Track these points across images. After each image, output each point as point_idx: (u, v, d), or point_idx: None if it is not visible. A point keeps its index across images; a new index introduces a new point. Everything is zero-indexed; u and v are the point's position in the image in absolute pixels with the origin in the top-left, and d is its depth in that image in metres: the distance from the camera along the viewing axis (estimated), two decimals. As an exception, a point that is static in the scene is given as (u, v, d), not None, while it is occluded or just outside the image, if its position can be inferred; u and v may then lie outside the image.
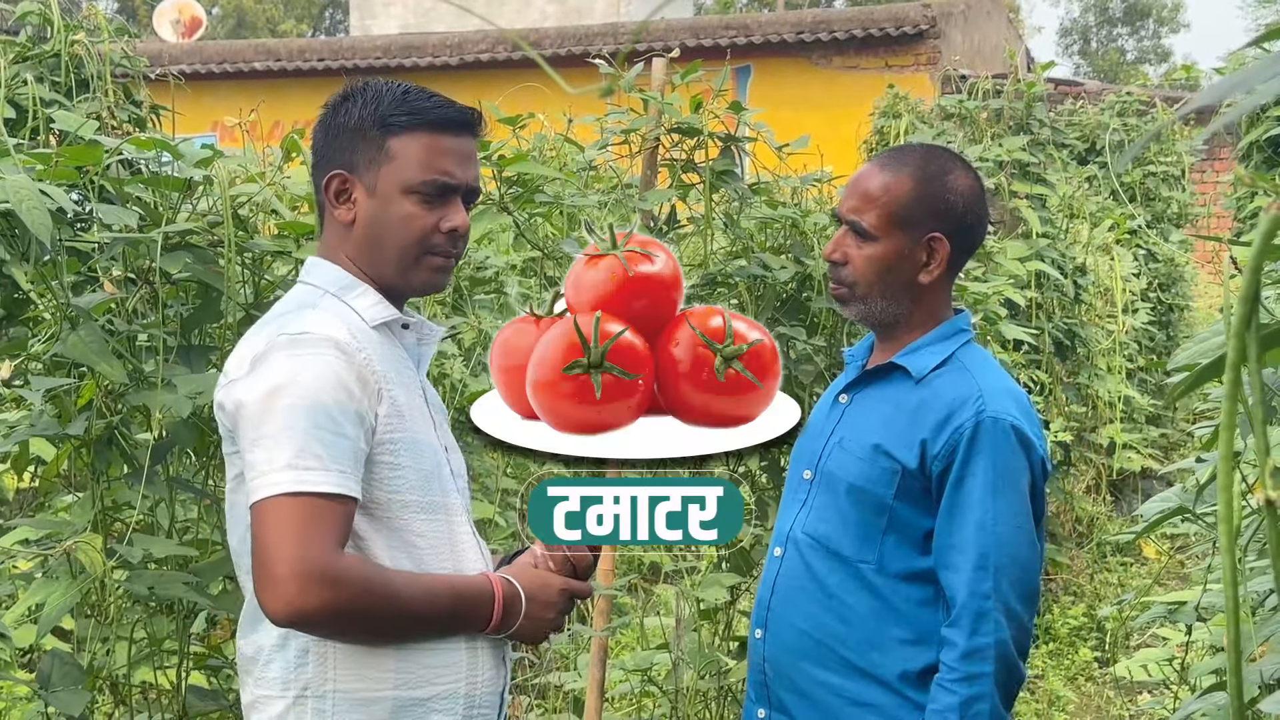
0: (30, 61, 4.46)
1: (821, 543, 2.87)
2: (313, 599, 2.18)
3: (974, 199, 2.90)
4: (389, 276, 2.47)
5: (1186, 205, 12.89)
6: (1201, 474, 3.11)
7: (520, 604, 2.43)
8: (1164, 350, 11.15)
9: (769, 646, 2.94)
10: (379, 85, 2.47)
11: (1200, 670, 3.79)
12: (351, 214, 2.43)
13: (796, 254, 4.14)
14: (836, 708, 2.84)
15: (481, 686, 2.44)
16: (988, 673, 2.67)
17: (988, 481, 2.71)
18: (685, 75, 3.97)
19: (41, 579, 3.08)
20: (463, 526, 2.48)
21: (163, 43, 22.06)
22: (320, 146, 2.48)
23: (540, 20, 22.85)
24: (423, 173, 2.42)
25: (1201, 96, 1.11)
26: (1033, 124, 8.98)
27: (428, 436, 2.43)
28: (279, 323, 2.35)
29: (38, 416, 3.13)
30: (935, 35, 18.77)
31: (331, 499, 2.22)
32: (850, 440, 2.88)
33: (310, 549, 2.18)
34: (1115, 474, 9.44)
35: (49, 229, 2.66)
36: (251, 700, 2.41)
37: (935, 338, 2.88)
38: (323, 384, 2.25)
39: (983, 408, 2.74)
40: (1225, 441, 1.01)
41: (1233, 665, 1.04)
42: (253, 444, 2.26)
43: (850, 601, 2.83)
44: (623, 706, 5.40)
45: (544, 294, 5.23)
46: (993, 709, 2.68)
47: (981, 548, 2.69)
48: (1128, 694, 6.71)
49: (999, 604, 2.69)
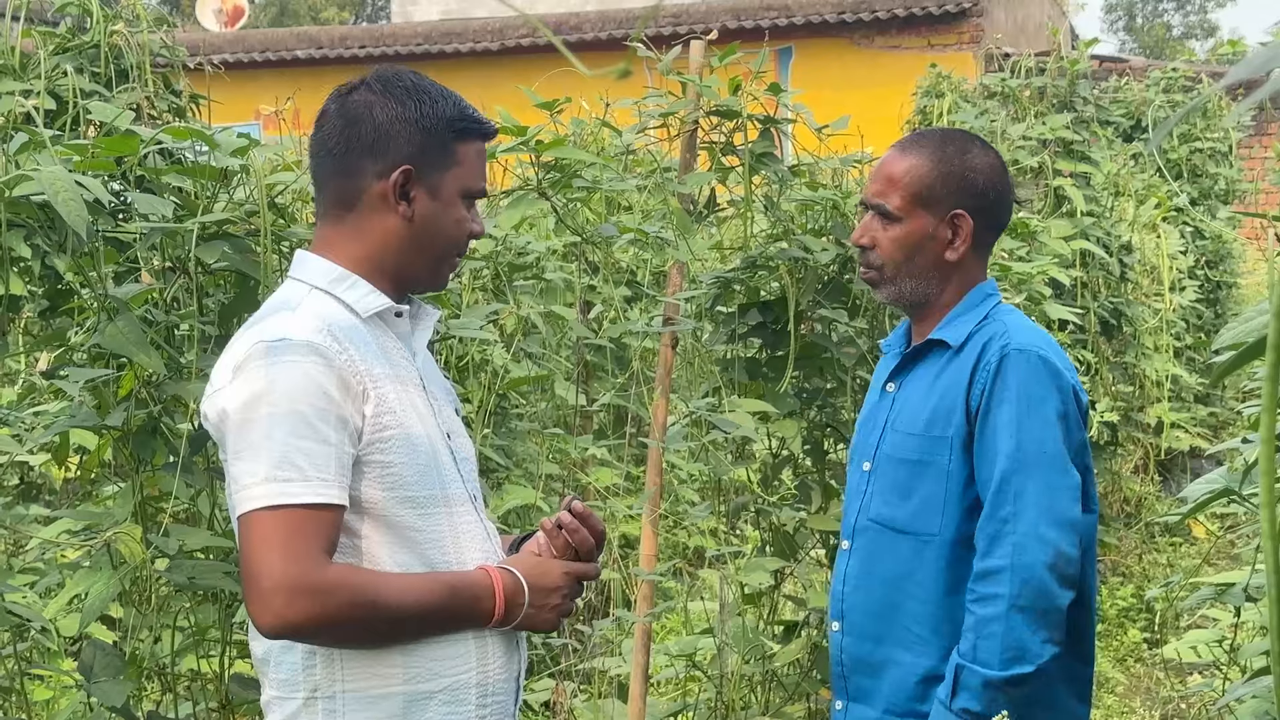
0: (70, 53, 4.46)
1: (886, 524, 2.91)
2: (299, 611, 2.18)
3: (996, 175, 2.95)
4: (418, 275, 2.47)
5: (1234, 181, 12.77)
6: (1248, 454, 3.08)
7: (523, 594, 2.41)
8: (1212, 328, 11.04)
9: (846, 636, 2.98)
10: (423, 84, 2.45)
11: (1250, 651, 3.75)
12: (410, 212, 2.41)
13: (838, 236, 4.11)
14: (910, 684, 2.87)
15: (494, 674, 2.43)
16: (1001, 594, 2.69)
17: (1012, 408, 2.76)
18: (723, 58, 3.95)
19: (85, 569, 3.09)
20: (465, 516, 2.45)
21: (205, 32, 22.15)
22: (373, 136, 2.40)
23: (581, 5, 22.81)
24: (478, 180, 2.48)
25: (1239, 68, 1.09)
26: (1076, 101, 8.91)
27: (423, 427, 2.40)
28: (261, 327, 2.32)
29: (77, 407, 3.14)
30: (978, 13, 18.65)
31: (314, 509, 2.22)
32: (902, 421, 2.93)
33: (294, 562, 2.19)
34: (1163, 453, 9.36)
35: (85, 220, 2.66)
36: (267, 700, 2.41)
37: (965, 307, 2.93)
38: (301, 391, 2.23)
39: (1008, 342, 2.80)
40: (1267, 425, 0.99)
41: (1276, 652, 1.02)
42: (235, 456, 2.26)
43: (919, 576, 2.86)
44: (668, 691, 5.39)
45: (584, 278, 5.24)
46: (1008, 630, 2.68)
47: (1003, 473, 2.73)
48: (1177, 675, 6.66)
49: (1022, 527, 2.70)
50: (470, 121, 2.45)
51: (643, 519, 4.07)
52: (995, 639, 2.68)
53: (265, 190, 3.11)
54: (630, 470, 5.70)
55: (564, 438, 5.52)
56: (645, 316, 5.19)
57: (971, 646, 2.71)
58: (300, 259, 2.47)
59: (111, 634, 4.18)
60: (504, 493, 4.95)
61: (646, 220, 4.74)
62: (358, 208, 2.43)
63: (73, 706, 3.44)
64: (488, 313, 4.30)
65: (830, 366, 4.23)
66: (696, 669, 4.56)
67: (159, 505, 3.21)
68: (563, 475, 5.51)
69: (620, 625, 5.09)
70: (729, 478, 4.61)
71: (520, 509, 4.95)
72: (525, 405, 5.65)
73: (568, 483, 5.78)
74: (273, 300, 2.44)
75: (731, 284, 4.27)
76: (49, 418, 4.18)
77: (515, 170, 4.05)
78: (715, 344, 4.36)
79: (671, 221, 3.90)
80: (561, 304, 5.30)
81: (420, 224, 2.42)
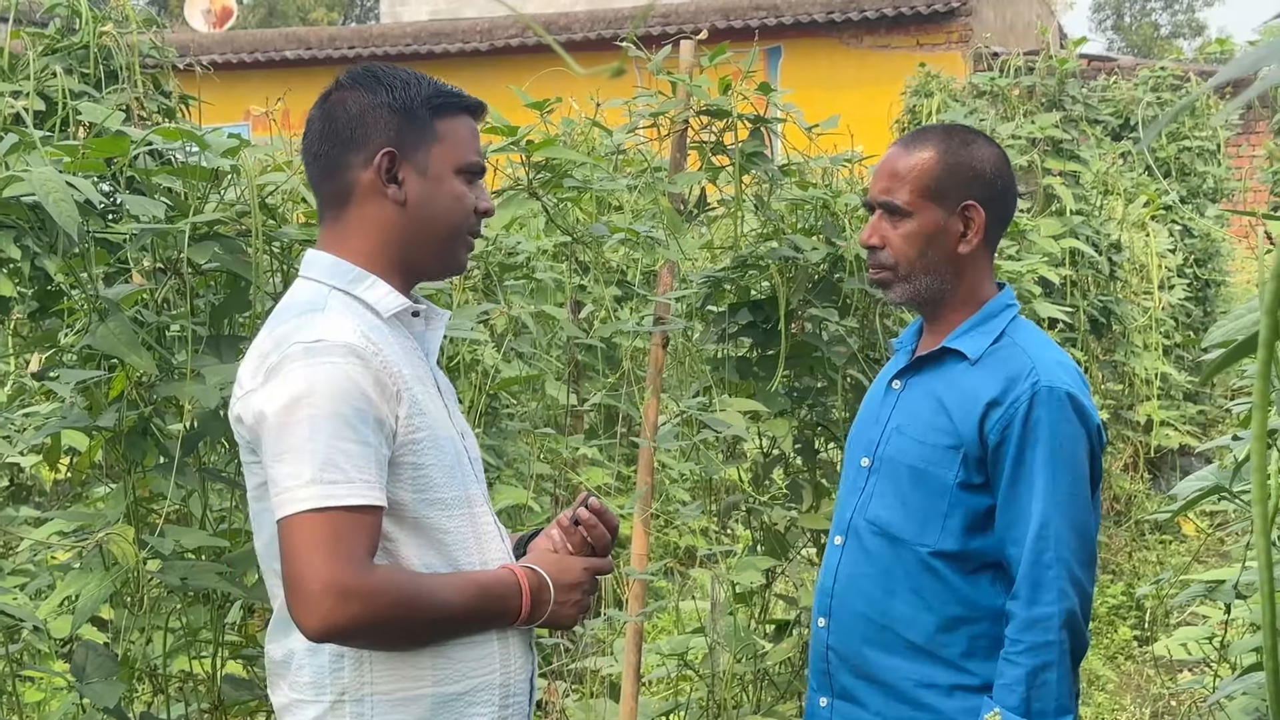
0: (59, 53, 4.46)
1: (883, 528, 2.88)
2: (348, 614, 2.18)
3: (1001, 166, 2.93)
4: (426, 260, 2.46)
5: (1222, 180, 12.79)
6: (1238, 451, 3.09)
7: (549, 591, 2.42)
8: (1201, 326, 11.06)
9: (833, 635, 2.95)
10: (393, 70, 2.45)
11: (1240, 648, 3.76)
12: (403, 194, 2.39)
13: (828, 235, 4.12)
14: (901, 690, 2.86)
15: (514, 675, 2.45)
16: (1053, 641, 2.68)
17: (1046, 451, 2.73)
18: (713, 57, 3.95)
19: (77, 570, 3.09)
20: (485, 516, 2.46)
21: (194, 33, 22.12)
22: (350, 129, 2.40)
23: (571, 4, 22.80)
24: (470, 154, 2.45)
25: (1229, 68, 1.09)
26: (1065, 100, 8.93)
27: (445, 429, 2.41)
28: (291, 328, 2.31)
29: (69, 409, 3.13)
30: (967, 12, 18.65)
31: (358, 510, 2.21)
32: (908, 425, 2.89)
33: (341, 564, 2.18)
34: (1153, 451, 9.38)
35: (75, 221, 2.66)
36: (286, 703, 2.39)
37: (983, 317, 2.89)
38: (341, 393, 2.23)
39: (1037, 379, 2.76)
40: (1258, 421, 0.99)
41: (1268, 648, 1.03)
42: (276, 458, 2.24)
43: (914, 585, 2.84)
44: (659, 690, 5.39)
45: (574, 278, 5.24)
46: (1060, 678, 2.68)
47: (1042, 517, 2.71)
48: (1168, 672, 6.68)
49: (1061, 572, 2.69)
50: (447, 96, 2.43)
51: (634, 518, 4.07)
52: (1050, 688, 2.68)
53: (256, 191, 3.11)
54: (621, 470, 5.69)
55: (555, 437, 5.52)
56: (636, 316, 5.19)
57: (1023, 700, 2.67)
58: (311, 258, 2.45)
59: (102, 635, 4.17)
60: (495, 493, 4.94)
61: (637, 220, 4.74)
62: (352, 201, 2.42)
63: (65, 708, 3.44)
64: (478, 313, 4.30)
65: (821, 365, 4.24)
66: (688, 668, 4.56)
67: (150, 507, 3.21)
68: (554, 475, 5.51)
69: (612, 624, 5.09)
70: (720, 477, 4.62)
71: (511, 509, 4.94)
72: (516, 405, 5.64)
73: (559, 483, 5.78)
74: (293, 300, 2.42)
75: (722, 283, 4.28)
76: (40, 419, 4.18)
77: (506, 170, 4.05)
78: (706, 343, 4.36)
79: (662, 221, 3.90)
80: (552, 304, 5.29)
81: (415, 205, 2.40)
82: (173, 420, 3.24)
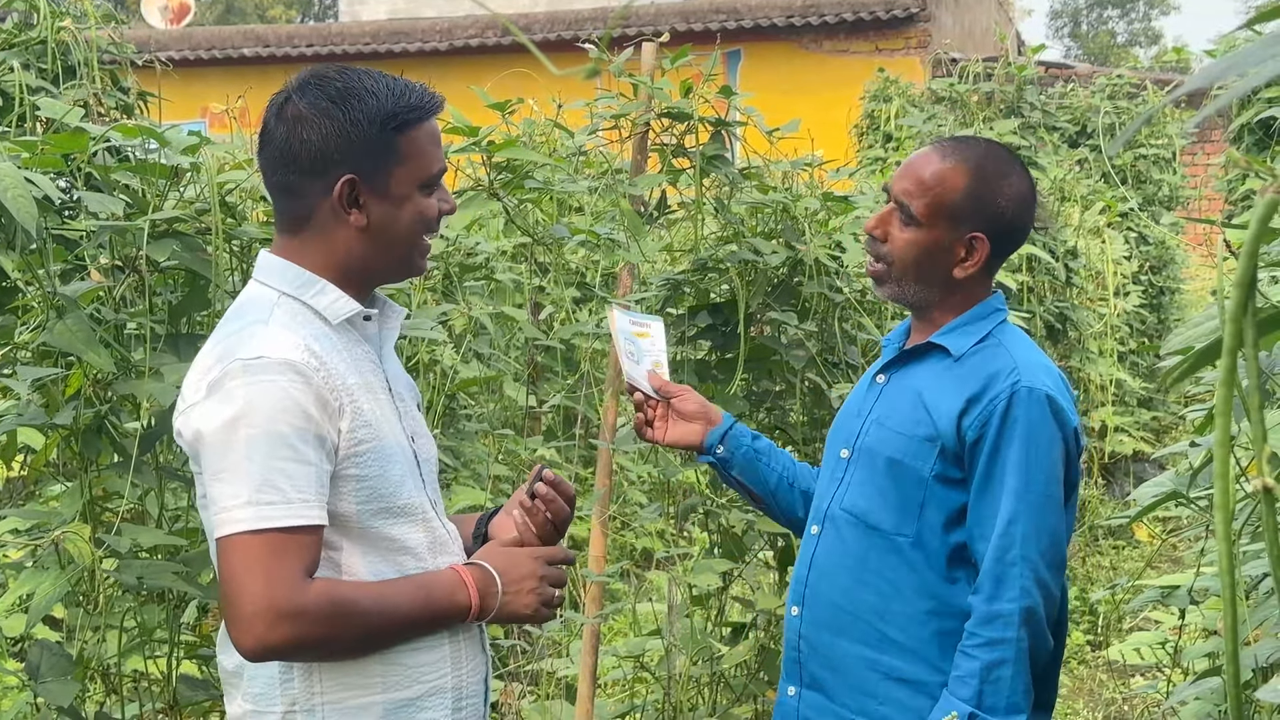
0: (16, 48, 4.43)
1: (860, 518, 2.89)
2: (280, 635, 2.18)
3: (1025, 207, 2.92)
4: (384, 271, 2.43)
5: (1178, 188, 12.88)
6: (1194, 458, 3.10)
7: (496, 584, 2.41)
8: (1155, 333, 11.15)
9: (805, 623, 2.96)
10: (352, 81, 2.35)
11: (1194, 654, 3.79)
12: (364, 219, 2.34)
13: (788, 238, 4.13)
14: (870, 681, 2.86)
15: (467, 677, 2.45)
16: (1010, 639, 2.69)
17: (1021, 450, 2.74)
18: (675, 60, 3.95)
19: (31, 569, 3.06)
20: (434, 522, 2.45)
21: (151, 29, 21.99)
22: (310, 158, 2.32)
23: (530, 5, 22.79)
24: (433, 164, 2.39)
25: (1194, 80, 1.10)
26: (1023, 107, 8.97)
27: (394, 435, 2.38)
28: (234, 341, 2.27)
29: (25, 406, 3.11)
30: (925, 18, 18.75)
31: (295, 531, 2.20)
32: (888, 417, 2.91)
33: (275, 585, 2.18)
34: (1107, 457, 9.44)
35: (34, 217, 2.64)
36: (240, 714, 2.39)
37: (972, 317, 2.90)
38: (280, 411, 2.20)
39: (1018, 379, 2.77)
40: (1221, 428, 1.00)
41: (1230, 652, 1.03)
42: (214, 477, 2.23)
43: (888, 575, 2.85)
44: (615, 693, 5.39)
45: (534, 279, 5.24)
46: (1015, 675, 2.69)
47: (1011, 514, 2.72)
48: (1120, 677, 6.72)
49: (1025, 570, 2.70)
50: (408, 111, 2.34)
51: (591, 520, 4.07)
52: (1004, 684, 2.68)
53: (216, 188, 3.09)
54: (579, 471, 5.69)
55: (513, 439, 5.52)
56: (595, 318, 5.19)
57: (976, 693, 2.68)
58: (265, 263, 2.41)
59: (55, 634, 4.14)
60: (453, 494, 4.94)
61: (598, 222, 4.74)
62: (312, 224, 2.37)
63: (18, 707, 3.42)
64: (437, 314, 4.29)
65: (779, 369, 4.25)
66: (644, 670, 4.56)
67: (106, 505, 3.19)
68: (512, 476, 5.50)
69: (568, 627, 5.09)
70: (678, 479, 4.62)
71: (469, 510, 4.93)
72: (474, 406, 5.64)
73: (517, 484, 5.77)
74: (240, 305, 2.39)
75: (681, 286, 4.28)
76: (-6, 416, 4.14)
77: (466, 170, 4.04)
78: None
79: (622, 223, 3.90)
80: (511, 305, 5.29)
81: (377, 227, 2.35)
82: (129, 418, 3.22)
